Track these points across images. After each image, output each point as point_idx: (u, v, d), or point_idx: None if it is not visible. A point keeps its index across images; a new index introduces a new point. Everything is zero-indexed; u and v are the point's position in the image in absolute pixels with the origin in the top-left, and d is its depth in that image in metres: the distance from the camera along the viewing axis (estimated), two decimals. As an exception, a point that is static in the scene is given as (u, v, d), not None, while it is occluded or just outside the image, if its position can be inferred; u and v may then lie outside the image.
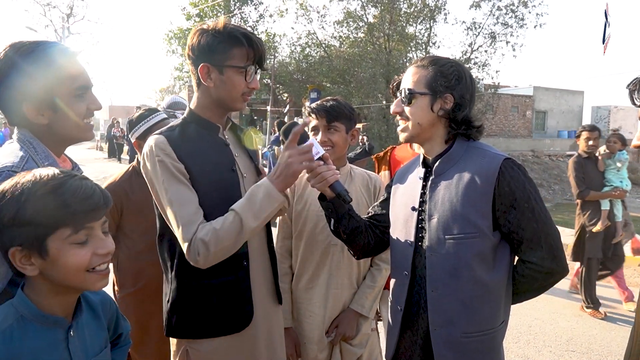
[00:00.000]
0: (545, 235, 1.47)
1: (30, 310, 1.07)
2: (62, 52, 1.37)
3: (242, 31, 1.55)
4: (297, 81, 22.16)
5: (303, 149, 1.50)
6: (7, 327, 1.04)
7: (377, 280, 2.11)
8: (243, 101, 1.61)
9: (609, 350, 4.06)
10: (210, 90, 1.58)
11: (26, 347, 1.04)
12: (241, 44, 1.54)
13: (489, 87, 19.68)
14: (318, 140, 2.01)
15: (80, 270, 1.06)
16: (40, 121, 1.35)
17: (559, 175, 18.99)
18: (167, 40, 22.27)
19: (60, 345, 1.09)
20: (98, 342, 1.20)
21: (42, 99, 1.33)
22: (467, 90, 1.54)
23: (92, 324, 1.20)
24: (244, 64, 1.55)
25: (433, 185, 1.54)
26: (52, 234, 1.02)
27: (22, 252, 1.03)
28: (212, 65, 1.55)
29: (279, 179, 1.50)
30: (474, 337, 1.48)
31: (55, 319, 1.09)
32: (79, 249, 1.05)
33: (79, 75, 1.38)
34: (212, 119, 1.64)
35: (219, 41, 1.53)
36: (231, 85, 1.56)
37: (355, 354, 2.09)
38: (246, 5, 22.27)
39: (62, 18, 31.78)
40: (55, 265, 1.04)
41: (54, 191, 1.02)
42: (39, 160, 1.32)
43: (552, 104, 26.42)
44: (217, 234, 1.45)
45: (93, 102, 1.42)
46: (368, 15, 19.20)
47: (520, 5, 18.57)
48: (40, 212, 1.01)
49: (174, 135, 1.58)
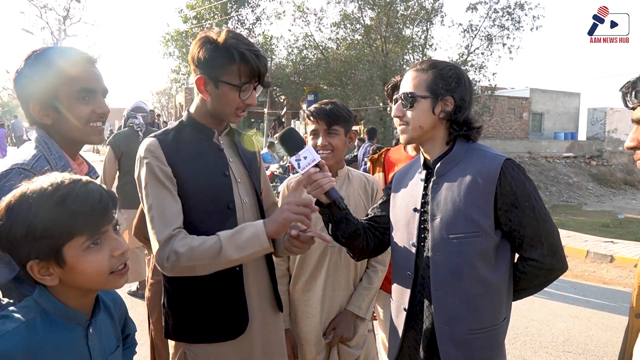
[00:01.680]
0: (545, 233, 1.51)
1: (52, 304, 1.08)
2: (67, 55, 1.41)
3: (241, 49, 1.51)
4: (294, 83, 22.17)
5: (303, 200, 1.49)
6: (31, 318, 1.05)
7: (374, 281, 2.11)
8: (236, 116, 1.61)
9: (605, 351, 4.08)
10: (206, 101, 1.59)
11: (49, 341, 1.05)
12: (238, 61, 1.51)
13: (486, 89, 19.72)
14: (319, 144, 2.02)
15: (101, 275, 1.07)
16: (45, 121, 1.40)
17: (555, 177, 19.04)
18: (163, 43, 22.21)
19: (81, 342, 1.11)
20: (113, 341, 1.22)
21: (45, 99, 1.37)
22: (466, 92, 1.57)
23: (108, 323, 1.22)
24: (239, 82, 1.53)
25: (435, 186, 1.57)
26: (68, 243, 1.03)
27: (39, 265, 1.03)
28: (208, 78, 1.54)
29: (272, 222, 1.49)
30: (478, 334, 1.51)
31: (76, 314, 1.11)
32: (96, 254, 1.06)
33: (81, 78, 1.40)
34: (208, 124, 1.65)
35: (217, 56, 1.52)
36: (225, 100, 1.56)
37: (353, 355, 2.09)
38: (243, 7, 22.27)
39: (59, 20, 31.72)
40: (74, 273, 1.05)
41: (62, 202, 1.01)
42: (52, 159, 1.36)
43: (549, 106, 26.49)
44: (193, 251, 1.44)
45: (99, 106, 1.44)
46: (365, 17, 19.22)
47: (516, 7, 18.62)
48: (52, 224, 1.01)
49: (167, 138, 1.59)
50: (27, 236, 1.00)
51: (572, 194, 18.11)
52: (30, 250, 1.02)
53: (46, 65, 1.37)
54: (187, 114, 1.67)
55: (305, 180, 1.56)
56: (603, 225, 11.12)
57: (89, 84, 1.42)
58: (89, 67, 1.43)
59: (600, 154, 22.29)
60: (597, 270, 6.61)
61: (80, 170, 1.49)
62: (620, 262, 6.72)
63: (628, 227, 11.01)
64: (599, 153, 22.34)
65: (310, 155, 1.54)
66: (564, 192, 18.03)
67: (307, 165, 1.55)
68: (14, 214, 1.01)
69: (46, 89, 1.37)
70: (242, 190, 1.67)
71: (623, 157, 21.47)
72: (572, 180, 19.29)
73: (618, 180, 20.51)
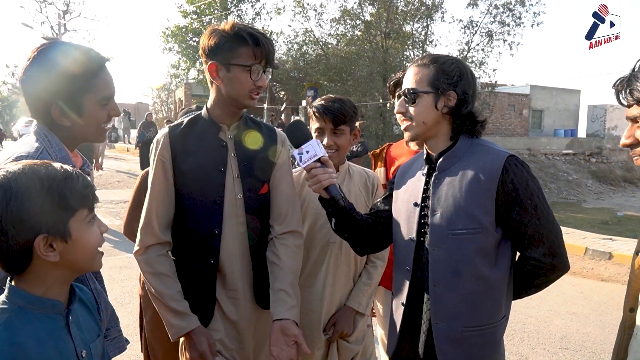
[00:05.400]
0: (547, 232, 1.49)
1: (26, 298, 1.09)
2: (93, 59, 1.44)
3: (249, 31, 1.61)
4: (294, 79, 22.11)
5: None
6: (6, 319, 1.05)
7: (373, 277, 2.12)
8: (251, 98, 1.66)
9: (602, 348, 4.09)
10: (220, 88, 1.66)
11: (29, 336, 1.05)
12: (247, 43, 1.60)
13: (486, 86, 19.70)
14: (324, 144, 1.96)
15: (94, 248, 1.15)
16: (64, 123, 1.43)
17: (555, 174, 19.05)
18: (163, 38, 22.13)
19: (62, 330, 1.12)
20: (93, 330, 1.23)
21: (69, 104, 1.41)
22: (469, 86, 1.55)
23: (85, 312, 1.23)
24: (249, 63, 1.60)
25: (436, 181, 1.56)
26: (73, 216, 1.09)
27: (47, 239, 1.06)
28: (219, 63, 1.61)
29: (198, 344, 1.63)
30: (476, 331, 1.50)
31: (53, 302, 1.12)
32: (93, 227, 1.14)
33: (107, 87, 1.47)
34: (219, 117, 1.70)
35: (226, 40, 1.60)
36: (238, 82, 1.62)
37: (353, 350, 2.10)
38: (243, 2, 22.19)
39: (59, 15, 31.57)
40: (77, 246, 1.10)
41: (69, 177, 1.09)
42: (52, 152, 1.39)
43: (549, 103, 26.47)
44: (150, 276, 1.66)
45: (113, 109, 1.51)
46: (365, 13, 19.16)
47: (517, 3, 18.57)
48: (63, 196, 1.07)
49: (176, 130, 1.71)
50: (42, 208, 1.04)
51: (572, 191, 18.13)
52: (41, 224, 1.04)
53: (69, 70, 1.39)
54: (205, 107, 1.75)
55: (307, 174, 1.57)
56: (602, 222, 11.14)
57: (111, 92, 1.49)
58: (108, 73, 1.49)
59: (600, 151, 22.30)
60: (595, 268, 6.62)
61: (75, 162, 1.52)
62: (619, 259, 6.72)
63: (627, 225, 11.03)
64: (598, 150, 22.35)
65: (313, 150, 1.54)
66: (564, 189, 18.04)
67: (309, 160, 1.55)
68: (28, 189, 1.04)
69: (71, 96, 1.40)
70: (239, 186, 1.69)
71: (623, 155, 21.47)
72: (571, 177, 19.31)
73: (617, 178, 20.52)
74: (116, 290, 4.86)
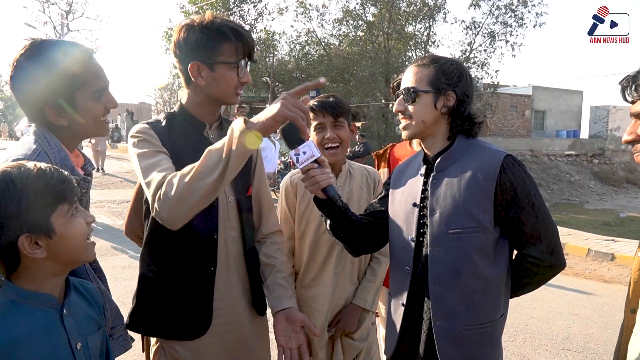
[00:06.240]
0: (544, 230, 1.51)
1: (18, 292, 1.10)
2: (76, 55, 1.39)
3: (230, 25, 1.51)
4: (296, 79, 22.11)
5: (300, 104, 1.34)
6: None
7: (378, 273, 2.14)
8: (236, 95, 1.60)
9: (604, 349, 4.08)
10: (201, 87, 1.56)
11: (22, 329, 1.07)
12: (230, 38, 1.50)
13: (488, 87, 19.70)
14: (327, 137, 2.02)
15: (82, 240, 1.15)
16: (61, 123, 1.40)
17: (557, 175, 19.03)
18: (165, 38, 22.18)
19: (56, 324, 1.13)
20: (91, 323, 1.24)
21: (61, 104, 1.38)
22: (468, 87, 1.57)
23: (84, 304, 1.24)
24: (234, 60, 1.53)
25: (435, 181, 1.57)
26: (54, 212, 1.10)
27: (30, 238, 1.07)
28: (202, 63, 1.52)
29: (261, 115, 1.33)
30: (475, 329, 1.52)
31: (46, 296, 1.13)
32: (77, 219, 1.14)
33: (97, 78, 1.43)
34: (201, 116, 1.62)
35: (208, 37, 1.49)
36: (223, 81, 1.54)
37: (357, 347, 2.11)
38: (245, 3, 22.23)
39: (61, 15, 31.65)
40: (64, 240, 1.11)
41: (43, 174, 1.10)
42: (51, 153, 1.37)
43: (551, 104, 26.44)
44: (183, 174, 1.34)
45: (110, 101, 1.47)
46: (367, 13, 19.20)
47: (519, 4, 18.58)
48: (39, 194, 1.08)
49: (159, 126, 1.60)
50: (19, 209, 1.05)
51: (574, 192, 18.11)
52: (22, 223, 1.06)
53: (56, 69, 1.35)
54: (179, 104, 1.65)
55: (304, 175, 1.56)
56: (605, 223, 11.12)
57: (102, 83, 1.43)
58: (96, 65, 1.44)
59: (602, 152, 22.26)
60: (597, 269, 6.61)
61: (77, 162, 1.50)
62: (622, 260, 6.71)
63: (630, 226, 11.01)
64: (601, 151, 22.31)
65: (310, 150, 1.54)
66: (566, 190, 18.02)
67: (306, 161, 1.54)
68: (2, 192, 1.06)
69: (62, 94, 1.37)
70: (230, 188, 1.63)
71: (625, 156, 21.43)
72: (574, 178, 19.28)
73: (620, 179, 20.49)
74: (119, 289, 4.87)
